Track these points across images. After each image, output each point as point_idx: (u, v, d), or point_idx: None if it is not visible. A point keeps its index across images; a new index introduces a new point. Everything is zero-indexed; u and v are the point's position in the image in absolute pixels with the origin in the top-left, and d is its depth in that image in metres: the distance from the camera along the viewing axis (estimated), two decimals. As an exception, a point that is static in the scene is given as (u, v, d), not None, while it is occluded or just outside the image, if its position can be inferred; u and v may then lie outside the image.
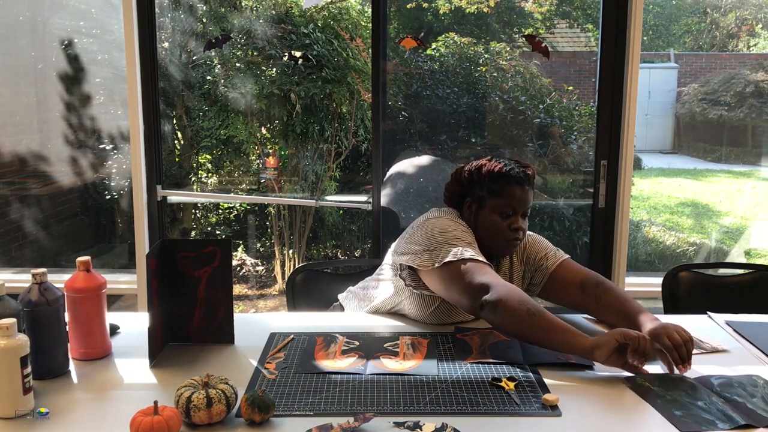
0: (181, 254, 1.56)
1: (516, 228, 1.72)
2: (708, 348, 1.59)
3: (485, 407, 1.30)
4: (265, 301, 4.46)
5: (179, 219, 4.57)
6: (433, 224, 1.74)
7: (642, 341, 1.39)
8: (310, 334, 1.67)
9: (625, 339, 1.39)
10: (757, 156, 7.22)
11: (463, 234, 1.70)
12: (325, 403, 1.30)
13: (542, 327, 1.47)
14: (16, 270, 3.74)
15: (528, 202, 1.74)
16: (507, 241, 1.74)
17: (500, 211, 1.72)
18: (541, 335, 1.47)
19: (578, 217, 3.90)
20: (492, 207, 1.73)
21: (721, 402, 1.31)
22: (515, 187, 1.72)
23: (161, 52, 3.94)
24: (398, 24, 4.51)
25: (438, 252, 1.65)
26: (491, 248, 1.77)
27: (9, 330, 1.23)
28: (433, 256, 1.66)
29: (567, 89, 4.42)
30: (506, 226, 1.72)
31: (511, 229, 1.72)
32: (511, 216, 1.73)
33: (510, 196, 1.72)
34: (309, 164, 4.29)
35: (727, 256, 5.68)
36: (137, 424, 1.14)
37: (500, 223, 1.72)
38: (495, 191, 1.73)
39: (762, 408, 1.29)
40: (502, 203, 1.72)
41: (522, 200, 1.73)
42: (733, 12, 8.13)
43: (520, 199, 1.72)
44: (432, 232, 1.71)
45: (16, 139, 3.94)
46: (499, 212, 1.73)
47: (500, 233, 1.73)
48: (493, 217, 1.73)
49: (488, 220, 1.74)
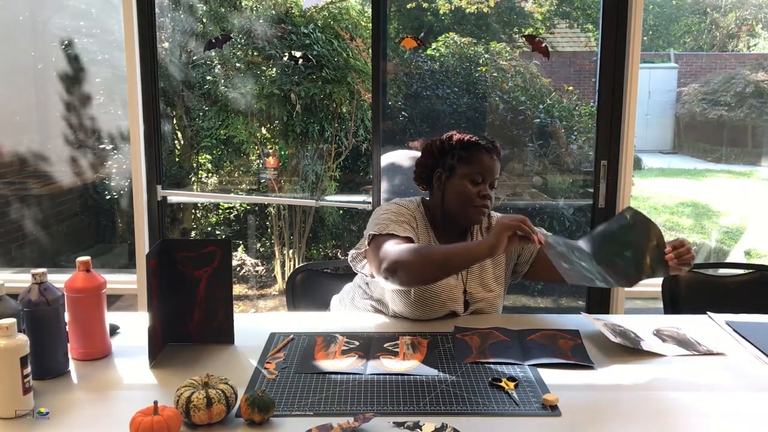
0: (181, 254, 1.56)
1: (484, 195, 1.79)
2: (703, 350, 1.59)
3: (485, 407, 1.30)
4: (265, 301, 4.46)
5: (179, 219, 4.57)
6: (377, 212, 1.83)
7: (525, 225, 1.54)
8: (310, 334, 1.67)
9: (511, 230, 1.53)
10: (757, 156, 7.23)
11: (396, 216, 1.79)
12: (324, 403, 1.30)
13: (440, 259, 1.59)
14: (16, 270, 3.74)
15: (495, 172, 1.82)
16: (475, 208, 1.80)
17: (470, 178, 1.79)
18: (444, 265, 1.59)
19: (578, 217, 3.91)
20: (462, 174, 1.80)
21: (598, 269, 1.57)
22: (484, 154, 1.80)
23: (161, 52, 3.94)
24: (398, 24, 4.51)
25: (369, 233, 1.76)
26: (460, 217, 1.83)
27: (9, 330, 1.23)
28: (367, 239, 1.76)
29: (567, 89, 4.42)
30: (475, 193, 1.79)
31: (480, 196, 1.79)
32: (480, 183, 1.79)
33: (479, 163, 1.80)
34: (309, 164, 4.29)
35: (727, 256, 5.69)
36: (137, 424, 1.14)
37: (470, 190, 1.79)
38: (465, 159, 1.80)
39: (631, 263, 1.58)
40: (472, 170, 1.79)
41: (491, 168, 1.80)
42: (733, 12, 8.13)
43: (489, 167, 1.80)
44: (373, 217, 1.82)
45: (16, 139, 3.94)
46: (469, 179, 1.79)
47: (469, 200, 1.79)
48: (462, 183, 1.80)
49: (458, 187, 1.80)
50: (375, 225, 1.77)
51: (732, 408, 1.31)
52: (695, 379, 1.45)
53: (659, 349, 1.58)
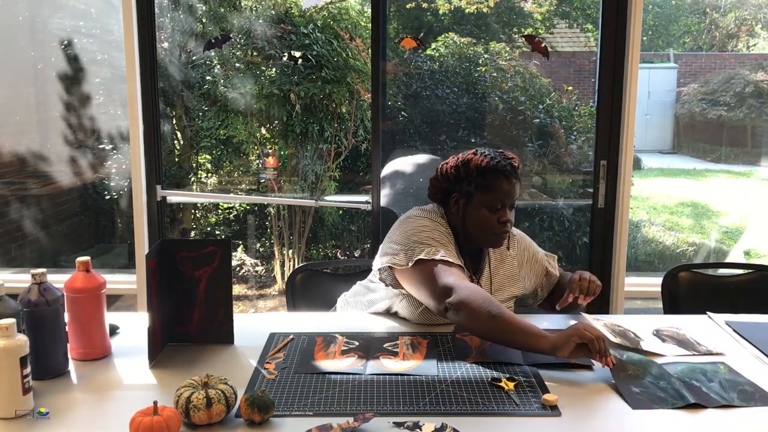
0: (181, 254, 1.56)
1: (505, 221, 1.74)
2: (703, 350, 1.59)
3: (485, 407, 1.30)
4: (265, 301, 4.46)
5: (179, 219, 4.57)
6: (411, 224, 1.76)
7: (598, 342, 1.40)
8: (310, 334, 1.67)
9: (582, 340, 1.41)
10: (756, 156, 7.23)
11: (439, 235, 1.73)
12: (324, 404, 1.30)
13: (504, 329, 1.49)
14: (16, 270, 3.74)
15: (515, 194, 1.75)
16: (496, 235, 1.76)
17: (489, 206, 1.73)
18: (503, 336, 1.50)
19: (578, 217, 3.90)
20: (480, 202, 1.74)
21: (679, 384, 1.38)
22: (503, 181, 1.72)
23: (161, 52, 3.94)
24: (398, 24, 4.51)
25: (412, 252, 1.68)
26: (480, 242, 1.79)
27: (8, 330, 1.23)
28: (407, 255, 1.69)
29: (567, 89, 4.42)
30: (495, 220, 1.74)
31: (500, 222, 1.74)
32: (500, 210, 1.74)
33: (498, 191, 1.73)
34: (309, 164, 4.29)
35: (726, 256, 5.69)
36: (137, 425, 1.14)
37: (489, 218, 1.74)
38: (483, 186, 1.73)
39: (716, 392, 1.36)
40: (491, 198, 1.73)
41: (510, 193, 1.74)
42: (733, 12, 8.13)
43: (508, 193, 1.74)
44: (409, 231, 1.74)
45: (16, 139, 3.94)
46: (488, 206, 1.73)
47: (490, 227, 1.74)
48: (481, 211, 1.74)
49: (477, 215, 1.75)
50: (417, 244, 1.69)
51: (732, 407, 1.31)
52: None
53: (659, 349, 1.58)
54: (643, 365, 1.46)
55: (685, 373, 1.45)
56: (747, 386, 1.39)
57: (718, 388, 1.38)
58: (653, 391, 1.35)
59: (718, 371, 1.46)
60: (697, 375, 1.44)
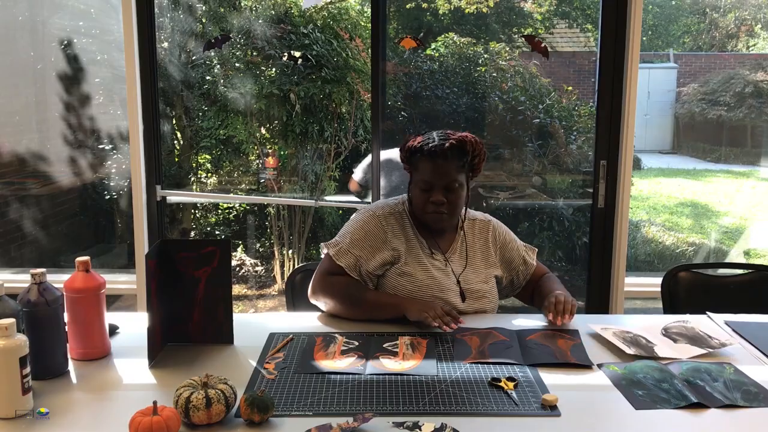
0: (181, 254, 1.56)
1: (434, 202, 1.75)
2: (716, 344, 1.59)
3: (485, 407, 1.30)
4: (265, 301, 4.46)
5: (179, 219, 4.57)
6: (353, 217, 1.89)
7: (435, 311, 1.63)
8: (310, 334, 1.67)
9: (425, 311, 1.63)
10: (756, 156, 7.22)
11: (361, 233, 1.81)
12: (324, 404, 1.30)
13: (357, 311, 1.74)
14: (16, 270, 3.74)
15: (448, 175, 1.74)
16: (428, 214, 1.78)
17: (420, 186, 1.77)
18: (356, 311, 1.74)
19: (578, 217, 3.90)
20: (415, 181, 1.80)
21: (682, 384, 1.38)
22: (428, 162, 1.74)
23: (160, 52, 3.94)
24: (398, 24, 4.51)
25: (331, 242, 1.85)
26: (422, 220, 1.83)
27: (8, 330, 1.23)
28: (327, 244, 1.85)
29: (566, 89, 4.43)
30: (425, 200, 1.76)
31: (430, 202, 1.75)
32: (428, 191, 1.75)
33: (424, 171, 1.75)
34: (308, 164, 4.29)
35: (726, 256, 5.68)
36: (136, 425, 1.14)
37: (420, 197, 1.77)
38: (414, 166, 1.79)
39: (719, 392, 1.36)
40: (419, 178, 1.77)
41: (439, 174, 1.74)
42: (732, 12, 8.13)
43: (436, 174, 1.74)
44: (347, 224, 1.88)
45: (16, 139, 3.94)
46: (419, 187, 1.77)
47: (420, 207, 1.79)
48: (415, 191, 1.79)
49: (413, 195, 1.81)
50: (338, 236, 1.83)
51: (735, 407, 1.31)
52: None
53: (674, 353, 1.56)
54: (647, 369, 1.46)
55: (690, 372, 1.45)
56: (752, 386, 1.39)
57: (722, 388, 1.38)
58: (656, 392, 1.36)
59: (723, 371, 1.46)
60: (702, 374, 1.44)
